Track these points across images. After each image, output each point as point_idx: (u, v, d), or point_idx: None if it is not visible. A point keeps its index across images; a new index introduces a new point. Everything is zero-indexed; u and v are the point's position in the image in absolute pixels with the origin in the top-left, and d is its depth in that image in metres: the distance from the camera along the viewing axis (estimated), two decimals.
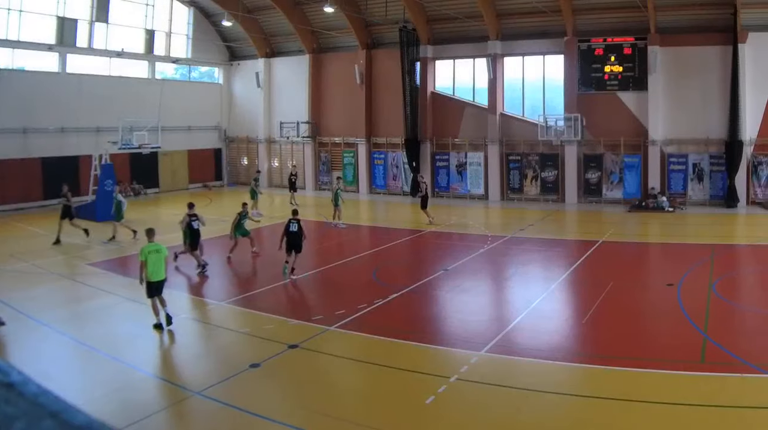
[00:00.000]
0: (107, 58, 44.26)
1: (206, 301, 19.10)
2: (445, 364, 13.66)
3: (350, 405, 11.87)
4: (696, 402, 11.31)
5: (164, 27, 47.71)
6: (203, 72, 52.29)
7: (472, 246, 26.02)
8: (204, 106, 50.43)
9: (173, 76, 49.95)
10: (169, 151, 46.29)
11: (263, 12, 47.05)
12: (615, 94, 39.62)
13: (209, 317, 17.66)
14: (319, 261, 24.42)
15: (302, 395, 12.11)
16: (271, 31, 49.22)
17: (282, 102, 49.79)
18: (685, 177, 38.83)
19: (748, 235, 29.91)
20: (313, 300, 19.70)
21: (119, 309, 18.20)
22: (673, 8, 37.77)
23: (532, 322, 16.46)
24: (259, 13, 47.40)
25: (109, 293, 19.90)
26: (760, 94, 36.98)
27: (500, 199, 41.80)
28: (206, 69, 52.15)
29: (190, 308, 18.60)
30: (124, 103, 41.93)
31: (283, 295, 20.04)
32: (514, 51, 41.63)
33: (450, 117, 43.38)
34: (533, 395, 11.72)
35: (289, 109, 48.37)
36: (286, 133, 46.73)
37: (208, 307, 18.54)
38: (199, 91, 50.82)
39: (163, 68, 48.96)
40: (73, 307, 18.97)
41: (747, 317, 17.19)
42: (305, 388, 12.45)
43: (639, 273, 22.94)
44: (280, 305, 18.65)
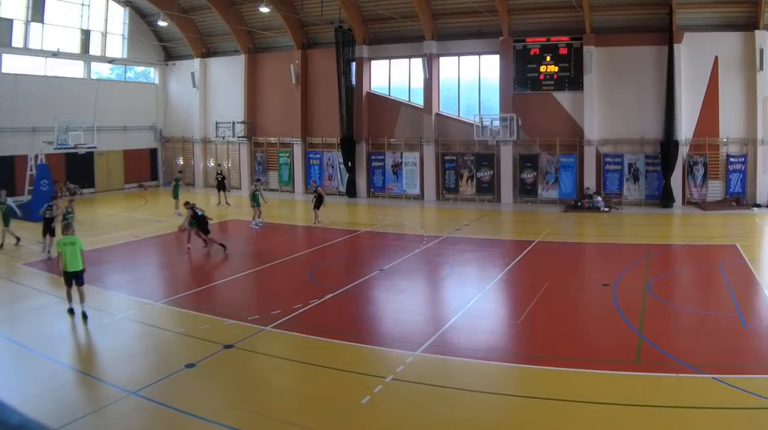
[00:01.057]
0: (43, 58, 41.41)
1: (142, 301, 17.78)
2: (380, 364, 13.02)
3: (286, 405, 11.21)
4: (631, 402, 10.87)
5: (100, 27, 44.42)
6: (139, 72, 48.83)
7: (407, 246, 24.68)
8: (140, 106, 47.20)
9: (109, 76, 46.44)
10: (104, 151, 43.51)
11: (199, 12, 44.18)
12: (551, 94, 37.67)
13: (145, 316, 16.39)
14: (255, 261, 23.24)
15: (238, 395, 11.48)
16: (207, 31, 46.12)
17: (218, 102, 46.57)
18: (620, 177, 36.96)
19: (684, 235, 28.65)
20: (248, 300, 18.68)
21: (55, 309, 17.01)
22: (609, 8, 36.12)
23: (467, 322, 15.67)
24: (194, 13, 44.51)
25: (45, 293, 18.85)
26: (696, 94, 35.52)
27: (436, 199, 39.53)
28: (142, 69, 48.72)
29: (126, 307, 17.28)
30: (59, 103, 39.73)
31: (219, 295, 18.99)
32: (449, 51, 39.38)
33: (386, 117, 40.92)
34: (469, 394, 11.21)
35: (225, 109, 45.24)
36: (222, 133, 43.96)
37: (143, 307, 17.21)
38: (135, 91, 47.52)
39: (99, 68, 45.57)
40: (7, 307, 17.75)
41: (682, 317, 16.37)
42: (241, 388, 11.81)
43: (575, 273, 21.94)
44: (216, 305, 17.62)
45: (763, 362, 12.67)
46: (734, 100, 35.30)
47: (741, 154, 35.54)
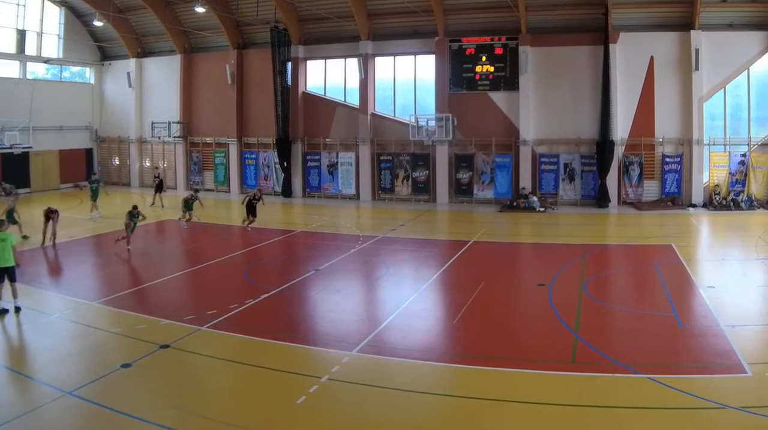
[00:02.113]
0: None
1: (78, 300, 16.46)
2: (316, 364, 12.32)
3: (221, 405, 10.43)
4: (566, 402, 10.28)
5: (35, 27, 40.60)
6: (75, 72, 44.91)
7: (343, 246, 23.27)
8: (75, 106, 43.49)
9: (45, 77, 42.56)
10: (40, 151, 40.44)
11: (134, 12, 40.64)
12: (486, 94, 35.11)
13: (81, 316, 15.19)
14: (191, 261, 22.03)
15: (173, 395, 10.83)
16: (143, 31, 42.53)
17: (154, 102, 43.01)
18: (556, 177, 34.67)
19: (620, 235, 27.20)
20: (184, 300, 17.52)
21: None
22: (545, 8, 33.89)
23: (403, 322, 14.83)
24: (130, 13, 40.96)
25: None
26: (631, 94, 33.55)
27: (371, 199, 36.74)
28: (78, 69, 44.78)
29: (61, 307, 15.97)
30: None
31: (155, 295, 17.70)
32: (385, 51, 36.52)
33: (321, 117, 37.82)
34: (404, 394, 10.59)
35: (161, 109, 41.79)
36: (158, 133, 40.48)
37: (79, 307, 15.94)
38: (71, 91, 43.71)
39: (35, 68, 41.77)
40: None
41: (618, 317, 15.52)
42: (176, 388, 11.14)
43: (510, 273, 20.82)
44: (152, 305, 16.50)
45: (698, 362, 12.02)
46: (670, 100, 33.49)
47: (676, 154, 33.68)
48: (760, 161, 33.77)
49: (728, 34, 33.00)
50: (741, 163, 33.55)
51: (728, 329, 13.52)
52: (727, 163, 33.67)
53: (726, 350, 12.38)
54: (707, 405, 9.98)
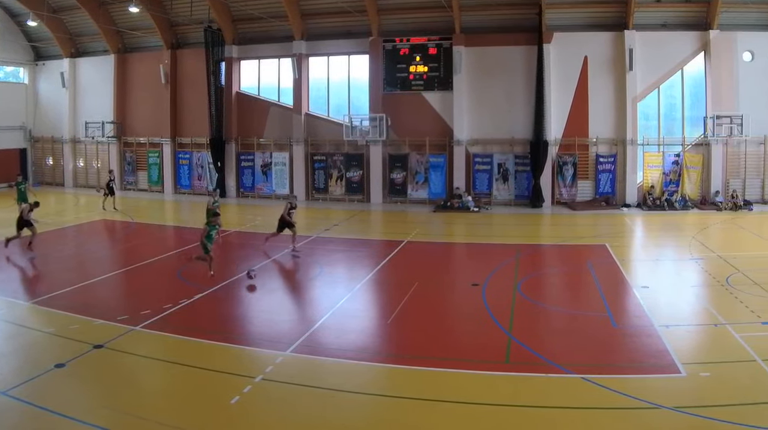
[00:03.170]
0: None
1: (11, 300, 15.76)
2: (250, 364, 11.81)
3: (155, 405, 10.03)
4: (500, 402, 10.01)
5: None
6: (8, 72, 42.40)
7: (277, 246, 22.04)
8: (9, 106, 41.08)
9: None
10: None
11: (68, 12, 38.19)
12: (420, 94, 33.22)
13: (14, 316, 14.50)
14: (125, 261, 21.04)
15: (107, 395, 10.34)
16: (77, 31, 40.09)
17: (87, 102, 40.70)
18: (490, 177, 32.93)
19: (554, 235, 26.15)
20: (118, 300, 16.65)
21: None
22: (478, 8, 32.19)
23: (337, 322, 14.28)
24: (64, 13, 38.47)
25: None
26: (565, 94, 32.11)
27: (305, 199, 34.58)
28: (11, 69, 42.32)
29: None
30: None
31: (88, 295, 16.63)
32: (319, 51, 34.53)
33: (255, 117, 35.75)
34: (338, 394, 10.21)
35: (95, 110, 39.51)
36: (92, 133, 38.49)
37: (12, 306, 15.31)
38: (4, 91, 41.33)
39: None
40: None
41: (552, 317, 14.99)
42: (110, 388, 10.63)
43: (444, 273, 19.87)
44: (86, 305, 15.44)
45: (632, 362, 11.66)
46: (604, 100, 32.04)
47: (610, 155, 32.17)
48: (694, 161, 32.20)
49: (662, 34, 31.84)
50: (675, 163, 32.20)
51: (662, 328, 13.10)
52: (661, 164, 32.25)
53: (660, 349, 11.99)
54: (641, 405, 9.61)
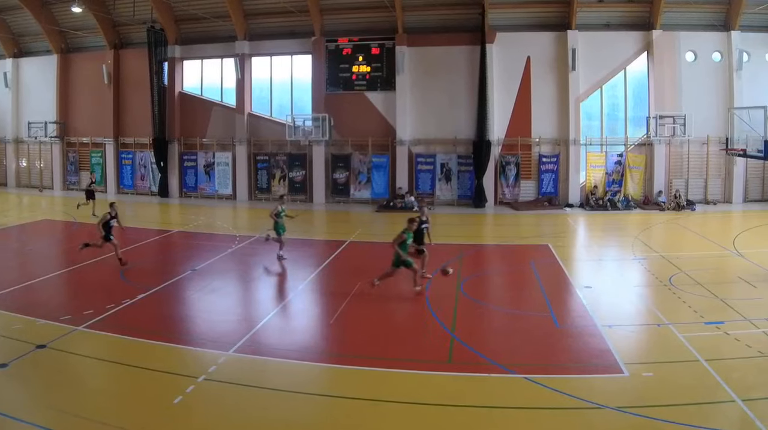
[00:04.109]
0: None
1: None
2: (193, 364, 11.39)
3: (99, 405, 9.67)
4: (443, 402, 9.65)
5: None
6: None
7: (220, 246, 21.81)
8: None
9: None
10: None
11: (11, 12, 36.85)
12: (363, 94, 31.90)
13: None
14: (68, 261, 20.07)
15: (50, 395, 9.93)
16: (19, 31, 38.60)
17: (30, 102, 39.27)
18: (433, 177, 31.63)
19: (496, 235, 25.47)
20: (61, 300, 15.96)
21: None
22: (421, 8, 30.97)
23: (280, 322, 14.02)
24: (6, 13, 37.12)
25: None
26: (508, 94, 30.98)
27: (248, 199, 33.40)
28: None
29: None
30: None
31: (31, 295, 15.99)
32: (262, 51, 33.22)
33: (198, 117, 34.41)
34: (281, 394, 9.96)
35: (38, 109, 38.12)
36: (35, 133, 37.17)
37: None
38: None
39: None
40: None
41: (495, 317, 14.42)
42: (53, 388, 10.26)
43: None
44: (29, 304, 14.84)
45: (575, 362, 11.32)
46: (546, 100, 30.85)
47: (553, 155, 30.82)
48: (637, 161, 30.74)
49: (605, 34, 30.66)
50: (617, 163, 30.89)
51: (605, 328, 12.79)
52: (603, 164, 30.95)
53: (603, 349, 11.71)
54: (584, 405, 9.36)
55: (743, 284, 16.28)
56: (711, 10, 31.06)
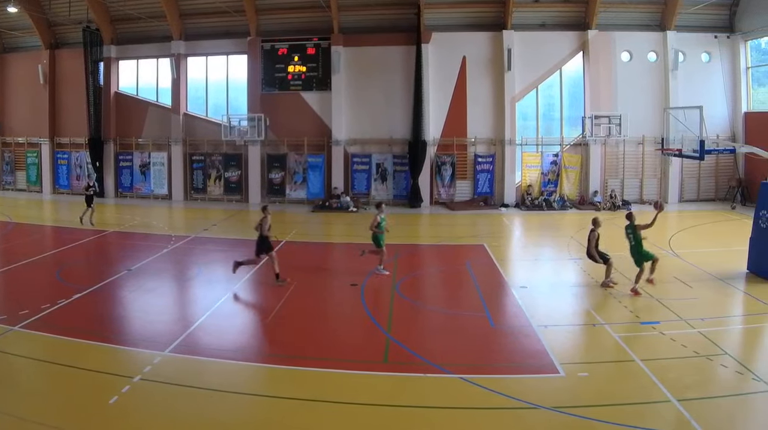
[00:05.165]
0: None
1: None
2: (128, 364, 11.27)
3: (34, 405, 9.55)
4: (379, 402, 9.67)
5: None
6: None
7: (155, 246, 21.53)
8: None
9: None
10: None
11: None
12: (299, 94, 31.34)
13: None
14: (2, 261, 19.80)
15: None
16: None
17: None
18: (368, 177, 31.09)
19: (432, 235, 25.11)
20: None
21: None
22: (357, 8, 30.46)
23: (216, 322, 13.65)
24: None
25: None
26: (444, 94, 30.46)
27: (184, 199, 32.78)
28: None
29: None
30: None
31: None
32: (197, 51, 32.58)
33: (134, 117, 33.70)
34: (217, 394, 9.85)
35: None
36: None
37: None
38: None
39: None
40: None
41: (430, 317, 14.22)
42: None
43: (323, 273, 19.02)
44: None
45: (511, 362, 11.35)
46: (482, 100, 30.38)
47: (489, 155, 30.31)
48: (572, 161, 30.29)
49: (540, 34, 30.30)
50: (553, 163, 30.45)
51: (541, 328, 12.75)
52: (539, 164, 30.50)
53: (538, 350, 11.69)
54: (520, 405, 9.33)
55: (679, 284, 16.31)
56: (647, 10, 30.56)
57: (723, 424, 8.80)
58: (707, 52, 31.00)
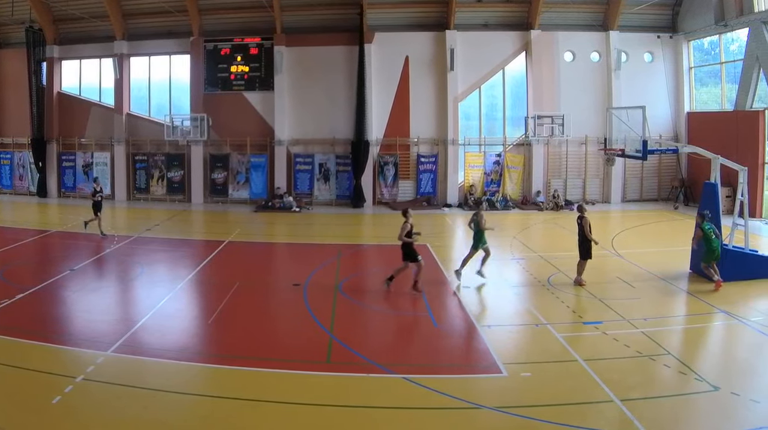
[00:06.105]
0: None
1: None
2: (71, 364, 11.12)
3: None
4: (322, 402, 9.57)
5: None
6: None
7: (98, 247, 21.31)
8: None
9: None
10: None
11: None
12: (241, 94, 30.99)
13: None
14: None
15: None
16: None
17: None
18: (311, 177, 30.76)
19: (374, 235, 25.05)
20: None
21: None
22: (299, 8, 30.04)
23: (158, 322, 13.54)
24: None
25: None
26: (387, 94, 30.18)
27: (127, 199, 32.24)
28: None
29: None
30: None
31: None
32: (140, 51, 32.06)
33: (77, 117, 33.22)
34: (160, 394, 9.78)
35: None
36: None
37: None
38: None
39: None
40: None
41: (373, 317, 14.28)
42: None
43: (266, 273, 19.17)
44: None
45: (454, 362, 11.32)
46: (425, 100, 30.11)
47: (432, 155, 29.98)
48: (515, 161, 29.92)
49: (483, 34, 30.05)
50: (496, 163, 30.13)
51: (484, 328, 12.72)
52: (482, 164, 30.20)
53: (481, 350, 11.67)
54: (463, 405, 9.24)
55: (621, 284, 16.28)
56: (589, 11, 30.37)
57: (666, 424, 8.77)
58: (650, 53, 30.68)
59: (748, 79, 25.40)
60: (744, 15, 25.39)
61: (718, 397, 9.45)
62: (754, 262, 16.45)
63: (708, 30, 28.21)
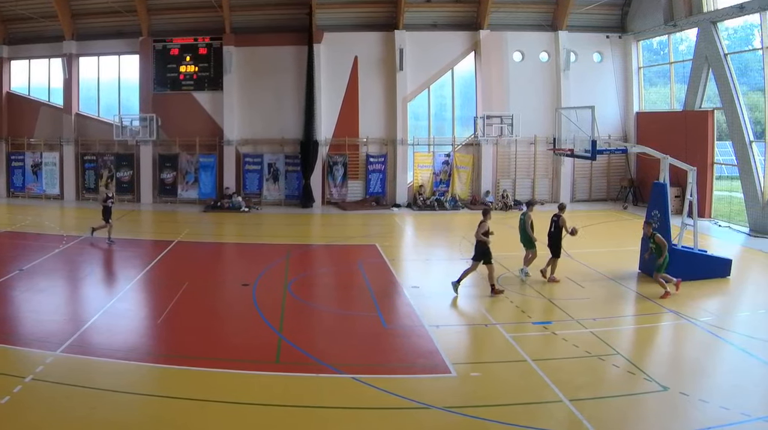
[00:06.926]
0: None
1: None
2: (20, 364, 10.96)
3: None
4: (271, 402, 9.57)
5: None
6: None
7: (47, 246, 20.90)
8: None
9: None
10: None
11: None
12: (191, 94, 30.62)
13: None
14: None
15: None
16: None
17: None
18: (260, 177, 30.36)
19: (323, 235, 24.88)
20: None
21: None
22: (248, 8, 29.70)
23: (107, 322, 13.36)
24: None
25: None
26: (336, 94, 29.89)
27: (76, 199, 31.87)
28: None
29: None
30: None
31: None
32: (90, 51, 31.65)
33: (26, 117, 32.80)
34: (109, 394, 9.65)
35: None
36: None
37: None
38: None
39: None
40: None
41: (323, 317, 14.20)
42: None
43: (215, 273, 18.85)
44: None
45: (403, 362, 11.26)
46: (374, 100, 29.92)
47: (381, 155, 29.73)
48: (464, 162, 29.67)
49: (433, 34, 29.84)
50: (445, 163, 29.87)
51: (432, 329, 12.61)
52: (431, 164, 29.96)
53: (430, 350, 11.53)
54: (411, 405, 9.21)
55: (571, 284, 16.19)
56: (538, 11, 30.23)
57: (615, 424, 8.76)
58: (599, 53, 30.58)
59: (697, 79, 25.30)
60: (693, 15, 25.25)
61: (667, 397, 9.48)
62: (703, 262, 16.53)
63: (657, 30, 27.99)
